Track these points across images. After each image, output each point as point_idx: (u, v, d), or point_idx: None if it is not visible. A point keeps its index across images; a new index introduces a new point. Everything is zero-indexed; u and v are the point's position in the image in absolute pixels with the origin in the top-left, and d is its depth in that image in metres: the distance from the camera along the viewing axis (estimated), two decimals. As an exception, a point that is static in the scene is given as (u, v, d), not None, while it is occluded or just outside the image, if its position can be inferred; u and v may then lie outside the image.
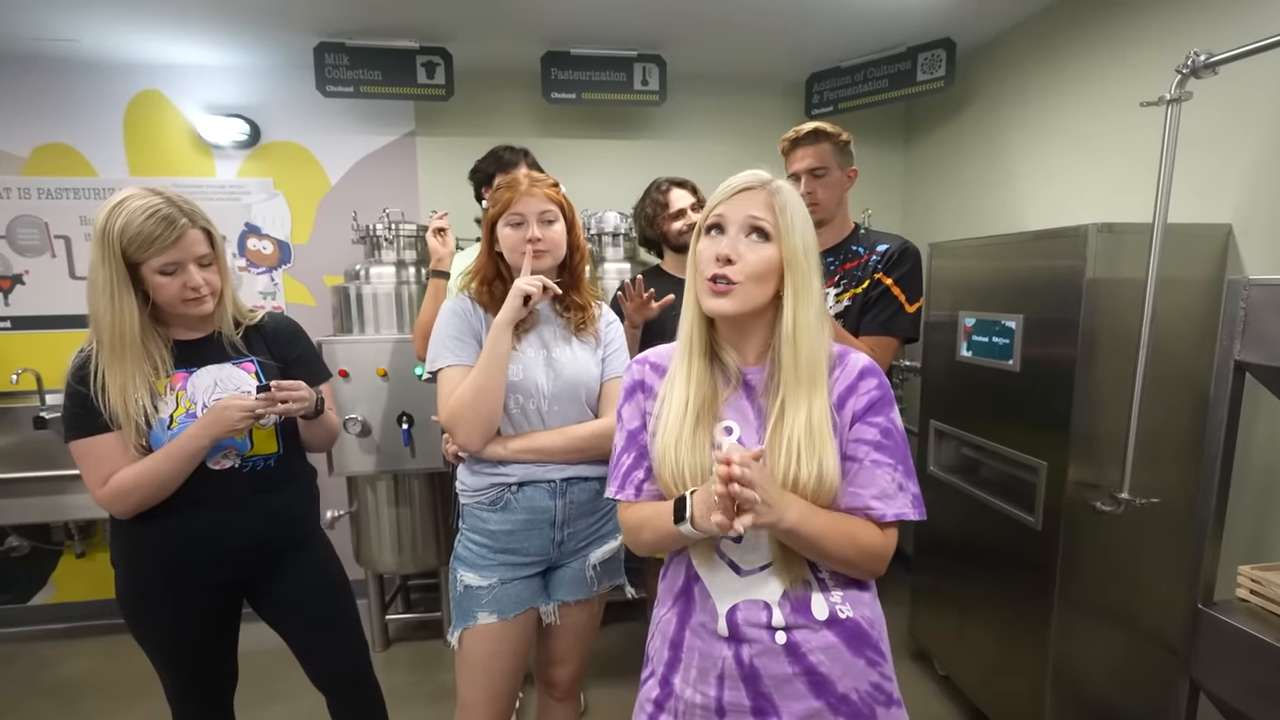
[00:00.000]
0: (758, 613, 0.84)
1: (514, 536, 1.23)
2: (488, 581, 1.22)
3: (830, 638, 0.83)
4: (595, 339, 1.30)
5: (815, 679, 0.83)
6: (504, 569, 1.23)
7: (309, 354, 1.38)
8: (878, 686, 0.86)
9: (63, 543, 2.63)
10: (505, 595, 1.22)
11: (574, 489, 1.25)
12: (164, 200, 1.11)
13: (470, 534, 1.26)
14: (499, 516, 1.23)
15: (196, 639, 1.27)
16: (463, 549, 1.27)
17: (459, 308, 1.26)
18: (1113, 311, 1.53)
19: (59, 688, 2.25)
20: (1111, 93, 1.94)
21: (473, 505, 1.25)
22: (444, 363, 1.21)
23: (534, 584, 1.27)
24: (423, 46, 2.38)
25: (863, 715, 0.84)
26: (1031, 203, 2.29)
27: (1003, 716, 1.84)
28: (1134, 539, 1.61)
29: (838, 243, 1.61)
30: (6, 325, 2.54)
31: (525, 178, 1.23)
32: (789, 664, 0.82)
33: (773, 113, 2.81)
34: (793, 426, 0.81)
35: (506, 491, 1.22)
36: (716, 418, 0.87)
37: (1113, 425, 1.54)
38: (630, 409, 0.96)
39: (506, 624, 1.22)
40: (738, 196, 0.85)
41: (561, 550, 1.27)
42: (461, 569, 1.25)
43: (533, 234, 1.20)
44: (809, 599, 0.84)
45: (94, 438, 1.13)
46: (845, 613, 0.85)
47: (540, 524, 1.24)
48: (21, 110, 2.44)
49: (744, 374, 0.89)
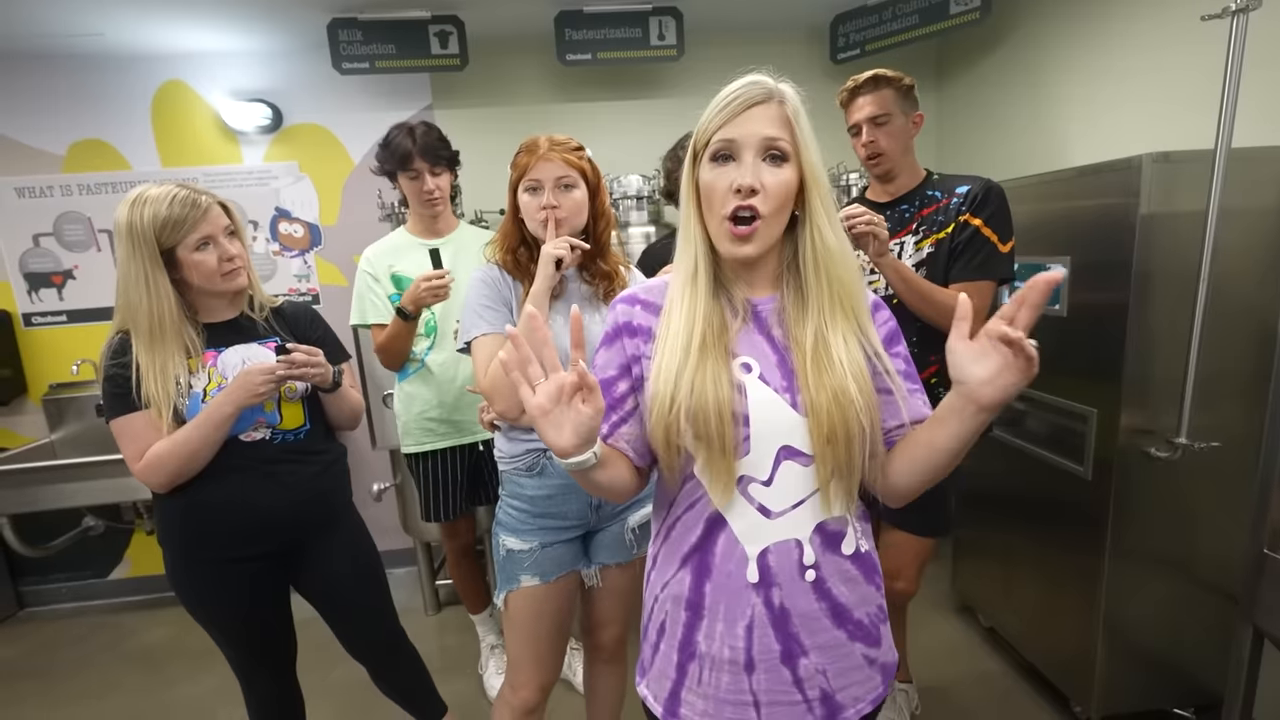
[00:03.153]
0: (789, 552, 0.80)
1: (552, 501, 1.24)
2: (528, 545, 1.24)
3: (852, 570, 0.83)
4: None
5: (837, 610, 0.82)
6: (544, 533, 1.25)
7: (328, 335, 1.43)
8: (880, 606, 0.87)
9: (133, 521, 2.80)
10: (546, 558, 1.24)
11: None
12: (178, 186, 1.19)
13: (509, 500, 1.28)
14: (536, 482, 1.24)
15: (243, 611, 1.32)
16: (503, 514, 1.29)
17: (488, 276, 1.25)
18: (1168, 249, 1.44)
19: (143, 654, 2.42)
20: (1165, 9, 1.79)
21: (510, 471, 1.27)
22: (477, 332, 1.20)
23: (574, 547, 1.28)
24: (434, 15, 2.34)
25: (870, 635, 0.85)
26: (1076, 139, 2.15)
27: (1052, 667, 1.83)
28: (1191, 485, 1.55)
29: (912, 189, 1.54)
30: (62, 319, 2.67)
31: (545, 141, 1.19)
32: (816, 600, 0.81)
33: (796, 60, 2.70)
34: (837, 357, 0.76)
35: (542, 457, 1.23)
36: (731, 353, 0.79)
37: (1168, 368, 1.47)
38: (607, 355, 0.86)
39: (549, 586, 1.25)
40: (747, 115, 0.75)
41: (600, 514, 1.28)
42: (503, 534, 1.27)
43: (548, 200, 1.18)
44: (842, 535, 0.82)
45: (131, 415, 1.18)
46: (864, 546, 0.85)
47: (577, 488, 1.23)
48: (55, 108, 2.51)
49: (753, 305, 0.83)
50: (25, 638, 2.59)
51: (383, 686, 1.53)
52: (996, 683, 1.95)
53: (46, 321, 2.66)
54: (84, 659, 2.41)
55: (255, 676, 1.41)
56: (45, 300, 2.64)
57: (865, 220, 1.33)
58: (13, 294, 2.61)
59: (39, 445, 2.61)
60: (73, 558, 2.76)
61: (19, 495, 2.34)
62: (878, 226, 1.34)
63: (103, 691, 2.19)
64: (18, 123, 2.50)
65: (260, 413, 1.26)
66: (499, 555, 1.28)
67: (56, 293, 2.64)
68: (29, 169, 2.53)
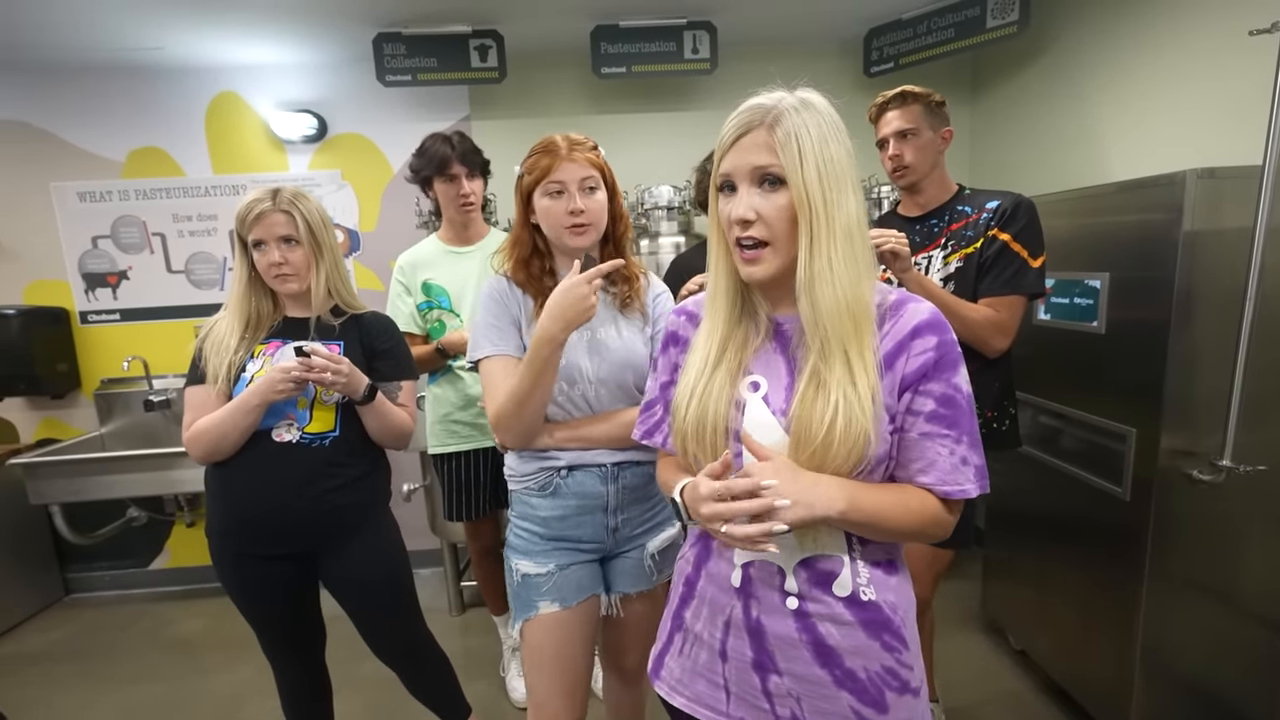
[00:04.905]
0: (771, 576, 0.79)
1: (566, 523, 1.16)
2: (545, 569, 1.14)
3: (846, 615, 0.77)
4: (643, 315, 1.20)
5: (822, 650, 0.77)
6: (560, 554, 1.16)
7: (397, 349, 1.44)
8: (891, 671, 0.78)
9: (174, 514, 2.91)
10: (566, 581, 1.14)
11: (626, 473, 1.17)
12: (266, 191, 1.31)
13: (520, 521, 1.19)
14: (549, 502, 1.15)
15: (268, 604, 1.37)
16: (515, 537, 1.19)
17: (495, 291, 1.16)
18: (1212, 266, 1.41)
19: (181, 642, 2.50)
20: (1209, 24, 1.76)
21: (521, 491, 1.18)
22: (483, 353, 1.14)
23: (593, 570, 1.19)
24: (475, 30, 2.42)
25: (869, 695, 0.77)
26: (1116, 153, 2.12)
27: (1086, 692, 1.77)
28: (1235, 509, 1.50)
29: (942, 204, 1.54)
30: (116, 318, 2.79)
31: (564, 140, 1.12)
32: (796, 630, 0.78)
33: (828, 74, 2.71)
34: (825, 389, 0.73)
35: (556, 476, 1.15)
36: (745, 370, 0.81)
37: (1211, 388, 1.43)
38: (664, 361, 0.94)
39: (571, 611, 1.14)
40: (739, 144, 0.75)
41: (617, 538, 1.20)
42: (516, 557, 1.17)
43: (576, 205, 1.09)
44: (834, 575, 0.78)
45: (194, 387, 1.31)
46: (868, 595, 0.78)
47: (592, 509, 1.16)
48: (116, 117, 2.65)
49: (777, 323, 0.83)
50: (69, 622, 2.70)
51: (408, 686, 1.56)
52: (1027, 707, 1.90)
53: (101, 320, 2.78)
54: (123, 645, 2.50)
55: (284, 662, 1.46)
56: (100, 299, 2.77)
57: (889, 245, 1.33)
58: (71, 293, 2.75)
59: (89, 438, 2.73)
60: (116, 547, 2.87)
61: (69, 485, 2.45)
62: (899, 245, 1.33)
63: (139, 678, 2.27)
64: (82, 130, 2.64)
65: (291, 408, 1.30)
66: (513, 581, 1.18)
67: (111, 292, 2.77)
68: (91, 174, 2.67)
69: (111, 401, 2.78)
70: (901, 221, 1.60)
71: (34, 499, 2.46)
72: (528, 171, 1.14)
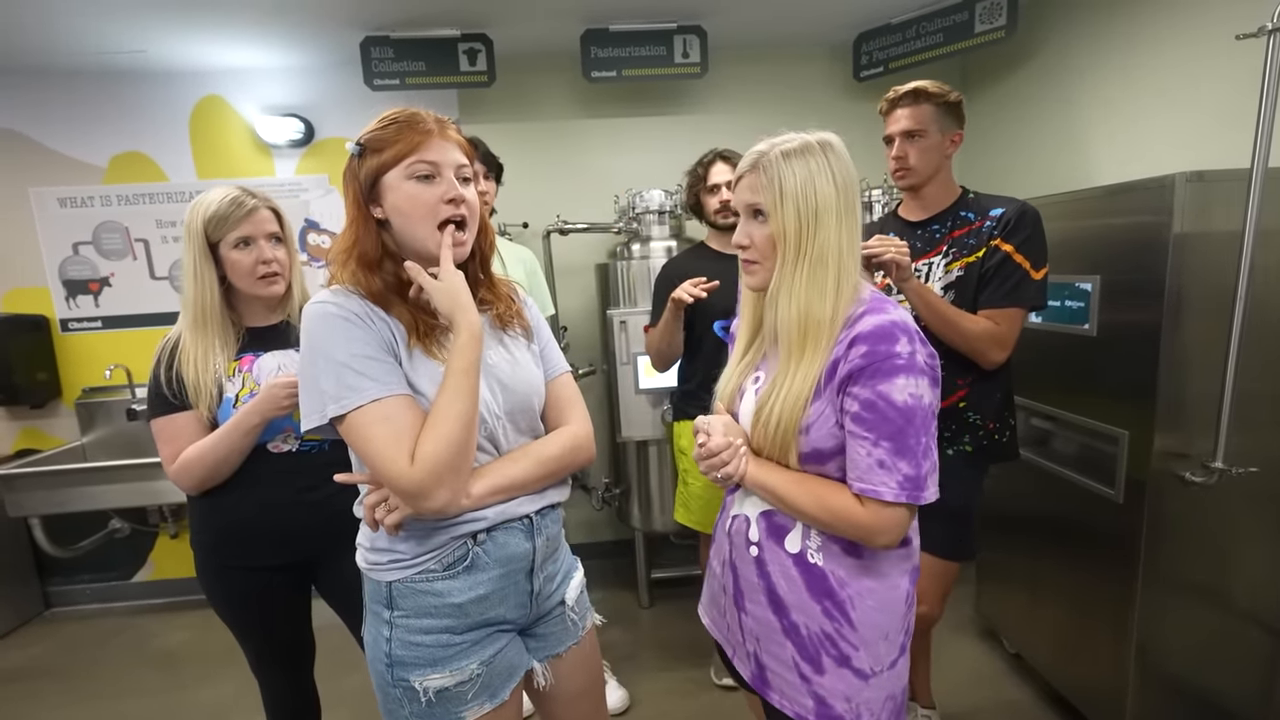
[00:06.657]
0: (741, 526, 0.99)
1: (486, 602, 0.91)
2: (468, 674, 0.89)
3: (793, 571, 0.91)
4: (526, 332, 1.03)
5: (774, 597, 0.93)
6: (483, 645, 0.92)
7: None
8: (829, 638, 0.90)
9: (158, 525, 2.85)
10: (495, 674, 0.92)
11: (546, 521, 0.99)
12: (237, 189, 1.25)
13: (415, 621, 0.89)
14: (463, 582, 0.89)
15: (266, 616, 1.33)
16: (409, 648, 0.88)
17: (347, 312, 0.85)
18: (1202, 268, 1.41)
19: (163, 657, 2.44)
20: (1196, 28, 1.77)
21: (415, 580, 0.89)
22: (368, 396, 0.81)
23: (517, 643, 0.99)
24: (464, 34, 2.40)
25: (808, 652, 0.91)
26: (1105, 158, 2.13)
27: (1081, 696, 1.77)
28: (1228, 511, 1.51)
29: (944, 209, 1.51)
30: (97, 325, 2.74)
31: (432, 116, 0.90)
32: (756, 575, 0.96)
33: (818, 78, 2.71)
34: (776, 386, 0.90)
35: (470, 544, 0.90)
36: (754, 367, 1.01)
37: (1203, 390, 1.43)
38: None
39: (504, 705, 0.93)
40: (741, 182, 0.94)
41: (538, 601, 0.99)
42: (416, 674, 0.88)
43: (456, 193, 0.87)
44: (787, 530, 0.93)
45: (168, 416, 1.21)
46: (815, 559, 0.90)
47: (516, 574, 0.94)
48: (98, 122, 2.60)
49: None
50: (49, 637, 2.64)
51: None
52: (1023, 711, 1.89)
53: (82, 327, 2.73)
54: (105, 660, 2.44)
55: (272, 678, 1.42)
56: (81, 306, 2.72)
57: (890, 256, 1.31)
58: (51, 300, 2.70)
59: (70, 448, 2.68)
60: (98, 559, 2.81)
61: (50, 496, 2.40)
62: (899, 255, 1.31)
63: (122, 693, 2.22)
64: (63, 135, 2.60)
65: (289, 421, 1.27)
66: (416, 708, 0.89)
67: (93, 299, 2.72)
68: (72, 179, 2.62)
69: (93, 411, 2.73)
70: (902, 225, 1.57)
71: (12, 511, 2.41)
72: (373, 147, 0.87)
